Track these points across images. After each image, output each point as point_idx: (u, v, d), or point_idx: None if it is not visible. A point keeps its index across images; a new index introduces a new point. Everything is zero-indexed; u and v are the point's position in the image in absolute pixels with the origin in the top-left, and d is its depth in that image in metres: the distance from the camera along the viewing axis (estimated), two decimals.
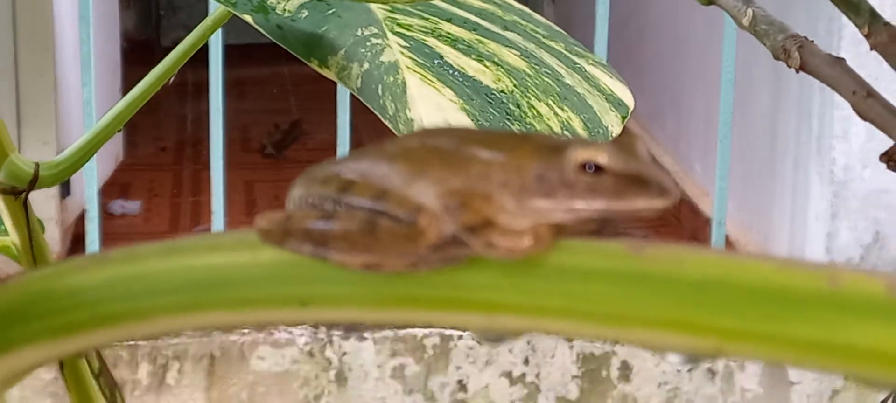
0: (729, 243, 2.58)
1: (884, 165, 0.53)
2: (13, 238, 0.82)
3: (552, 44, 0.86)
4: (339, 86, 1.68)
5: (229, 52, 2.23)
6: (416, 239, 0.28)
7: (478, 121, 0.73)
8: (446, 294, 0.27)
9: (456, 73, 0.75)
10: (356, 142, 2.30)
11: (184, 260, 0.30)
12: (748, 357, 0.24)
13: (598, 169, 0.27)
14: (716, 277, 0.25)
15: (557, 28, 0.90)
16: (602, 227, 0.26)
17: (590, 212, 0.27)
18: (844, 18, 0.54)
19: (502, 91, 0.77)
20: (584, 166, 0.27)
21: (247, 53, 3.27)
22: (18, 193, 0.79)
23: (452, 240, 0.28)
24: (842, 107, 2.35)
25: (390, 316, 0.28)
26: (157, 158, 3.21)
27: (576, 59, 0.86)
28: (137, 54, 3.74)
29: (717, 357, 0.24)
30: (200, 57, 0.88)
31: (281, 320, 0.29)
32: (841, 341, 0.24)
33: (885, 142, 0.52)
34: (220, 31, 0.93)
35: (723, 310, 0.25)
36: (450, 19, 0.80)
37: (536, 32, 0.86)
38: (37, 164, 0.80)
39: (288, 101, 3.68)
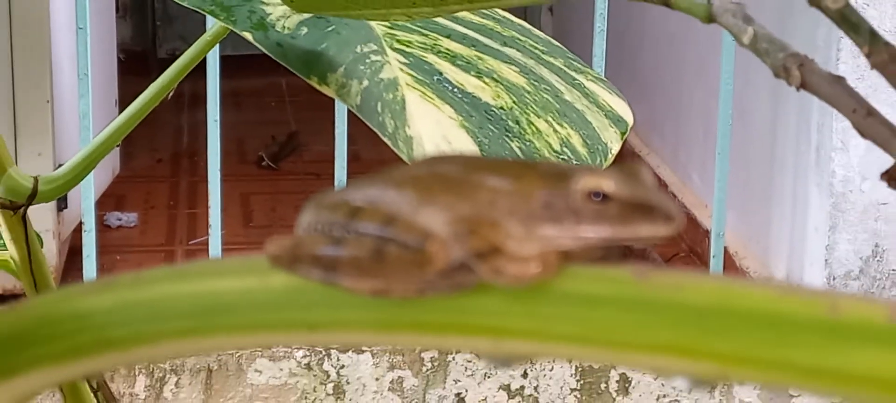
0: (728, 255, 2.57)
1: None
2: (12, 252, 0.82)
3: (551, 60, 0.86)
4: None
5: (226, 63, 2.23)
6: (425, 265, 0.28)
7: (477, 137, 0.73)
8: (454, 319, 0.27)
9: (455, 90, 0.75)
10: (353, 154, 2.30)
11: (191, 286, 0.30)
12: (750, 382, 0.25)
13: (605, 196, 0.27)
14: (718, 303, 0.25)
15: (557, 43, 0.90)
16: (608, 253, 0.27)
17: (596, 240, 0.27)
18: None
19: (501, 107, 0.77)
20: (590, 194, 0.27)
21: (243, 64, 3.26)
22: (17, 208, 0.80)
23: (460, 267, 0.28)
24: (841, 119, 2.35)
25: (399, 340, 0.28)
26: (153, 170, 3.20)
27: (575, 74, 0.86)
28: (133, 65, 3.74)
29: (719, 381, 0.25)
30: (197, 68, 0.88)
31: (288, 343, 0.29)
32: (841, 368, 0.24)
33: (884, 155, 0.52)
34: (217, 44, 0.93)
35: (725, 336, 0.25)
36: (449, 35, 0.80)
37: (536, 48, 0.86)
38: (36, 179, 0.80)
39: (285, 113, 3.68)
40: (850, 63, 2.22)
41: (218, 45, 1.99)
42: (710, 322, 0.25)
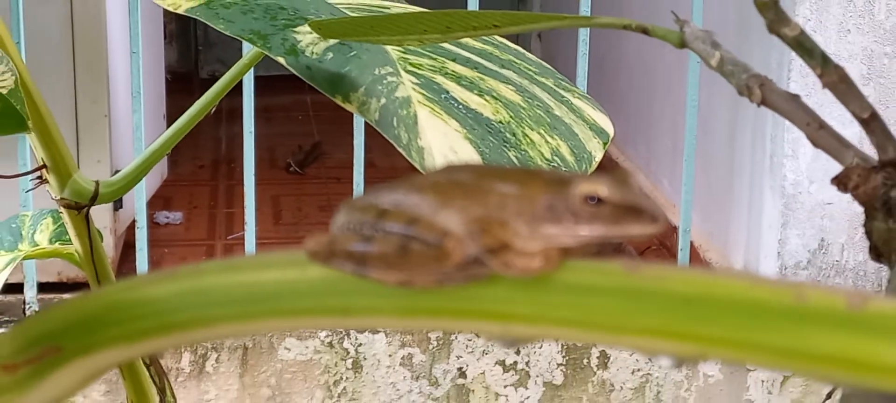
0: (693, 248, 2.57)
1: (829, 180, 0.53)
2: (76, 246, 0.82)
3: (543, 80, 0.86)
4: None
5: (259, 82, 2.23)
6: (443, 259, 0.28)
7: (479, 148, 0.73)
8: (468, 306, 0.27)
9: (460, 107, 0.75)
10: (369, 162, 2.30)
11: (241, 276, 0.30)
12: (726, 361, 0.24)
13: (599, 200, 0.27)
14: (699, 292, 0.25)
15: (548, 66, 0.90)
16: (602, 249, 0.27)
17: (592, 237, 0.27)
18: (793, 53, 0.54)
19: (500, 121, 0.77)
20: (587, 198, 0.27)
21: (274, 84, 3.27)
22: (81, 208, 0.80)
23: (474, 261, 0.28)
24: (792, 130, 2.35)
25: (420, 324, 0.28)
26: (196, 175, 3.20)
27: (563, 93, 0.86)
28: (179, 84, 3.74)
29: (700, 360, 0.24)
30: (234, 87, 0.88)
31: (325, 327, 0.29)
32: (806, 349, 0.24)
33: (830, 161, 0.52)
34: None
35: (705, 321, 0.25)
36: (454, 59, 0.80)
37: (529, 70, 0.86)
38: (97, 183, 0.80)
39: (310, 125, 3.68)
40: (799, 82, 2.22)
41: (253, 68, 1.99)
42: (692, 308, 0.25)
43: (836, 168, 0.53)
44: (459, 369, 2.39)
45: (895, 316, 0.23)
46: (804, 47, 0.52)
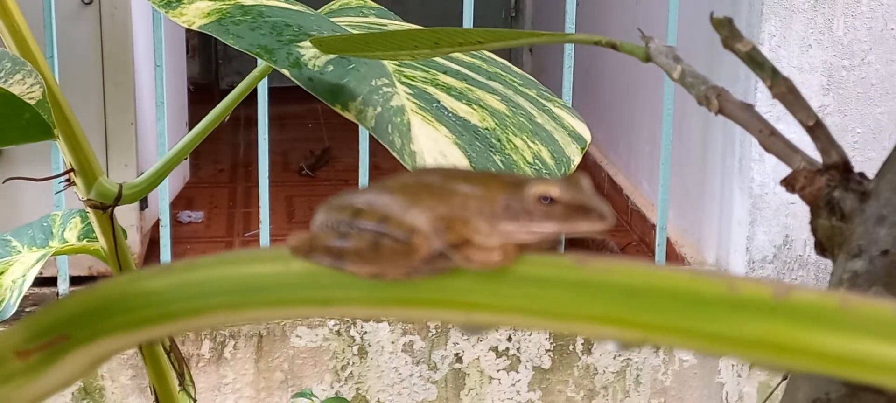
0: (669, 244, 2.57)
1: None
2: (102, 243, 0.83)
3: (526, 90, 0.86)
4: None
5: (273, 93, 2.23)
6: (411, 254, 0.28)
7: (467, 152, 0.73)
8: (434, 296, 0.27)
9: (450, 115, 0.75)
10: (374, 165, 2.30)
11: (231, 270, 0.30)
12: (667, 346, 0.25)
13: (552, 200, 0.27)
14: (641, 284, 0.25)
15: (531, 78, 0.90)
16: (555, 244, 0.27)
17: (545, 233, 0.27)
18: None
19: (486, 128, 0.77)
20: (540, 198, 0.27)
21: (287, 95, 3.26)
22: (106, 208, 0.80)
23: (439, 255, 0.28)
24: None
25: (391, 313, 0.28)
26: (216, 178, 3.21)
27: (545, 102, 0.86)
28: (200, 94, 3.74)
29: (642, 345, 0.25)
30: (250, 97, 0.88)
31: (306, 315, 0.29)
32: (736, 334, 0.24)
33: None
34: (265, 77, 0.93)
35: (646, 309, 0.25)
36: (445, 72, 0.80)
37: (514, 82, 0.86)
38: (121, 185, 0.80)
39: (320, 132, 3.68)
40: (764, 92, 2.22)
41: (266, 79, 2.00)
42: (635, 298, 0.25)
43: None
44: (456, 355, 2.39)
45: (815, 305, 0.24)
46: (756, 61, 0.52)
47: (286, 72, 0.71)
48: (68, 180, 0.78)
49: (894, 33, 2.33)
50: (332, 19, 0.80)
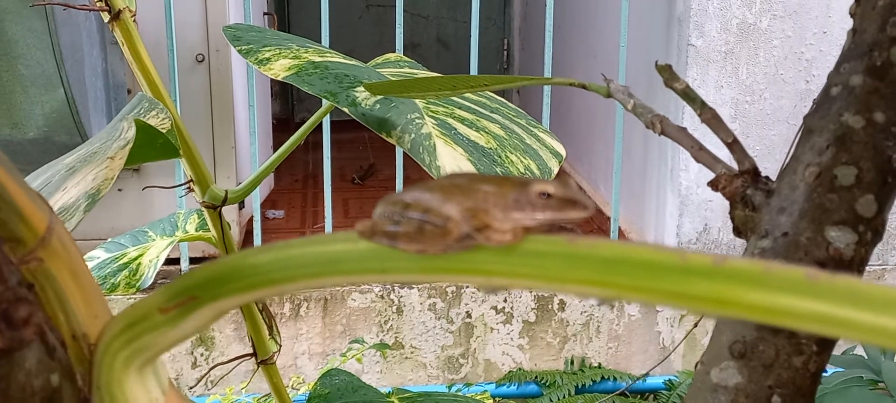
0: (620, 232, 2.57)
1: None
2: (213, 233, 0.83)
3: (518, 120, 0.86)
4: None
5: (333, 124, 2.24)
6: (447, 235, 0.27)
7: (476, 165, 0.73)
8: (463, 266, 0.27)
9: (463, 139, 0.75)
10: (406, 177, 2.30)
11: (314, 248, 0.30)
12: (636, 302, 0.24)
13: (549, 195, 0.27)
14: (616, 255, 0.25)
15: (522, 111, 0.90)
16: (551, 228, 0.27)
17: (544, 220, 0.27)
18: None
19: (490, 148, 0.77)
20: (541, 194, 0.27)
21: (343, 125, 3.28)
22: (215, 208, 0.80)
23: (467, 236, 0.27)
24: (685, 153, 2.34)
25: (432, 278, 0.28)
26: (292, 186, 3.21)
27: (532, 128, 0.86)
28: (281, 125, 3.76)
29: (617, 300, 0.24)
30: (317, 128, 0.88)
31: (369, 281, 0.29)
32: (686, 292, 0.24)
33: (711, 172, 0.52)
34: (328, 113, 0.93)
35: (621, 274, 0.25)
36: (460, 107, 0.80)
37: (509, 113, 0.86)
38: (226, 191, 0.80)
39: (367, 152, 3.69)
40: (690, 118, 2.22)
41: (329, 114, 2.01)
42: (611, 266, 0.25)
43: (712, 176, 0.53)
44: (467, 312, 2.39)
45: (745, 270, 0.23)
46: (689, 96, 0.52)
47: (346, 109, 0.71)
48: (189, 188, 0.78)
49: (783, 77, 2.33)
50: (378, 70, 0.80)
